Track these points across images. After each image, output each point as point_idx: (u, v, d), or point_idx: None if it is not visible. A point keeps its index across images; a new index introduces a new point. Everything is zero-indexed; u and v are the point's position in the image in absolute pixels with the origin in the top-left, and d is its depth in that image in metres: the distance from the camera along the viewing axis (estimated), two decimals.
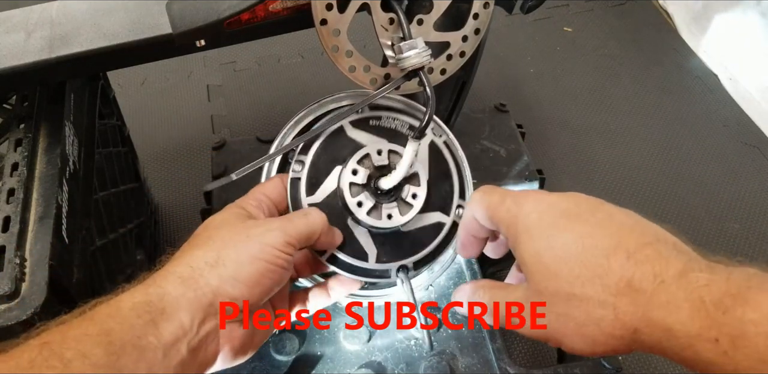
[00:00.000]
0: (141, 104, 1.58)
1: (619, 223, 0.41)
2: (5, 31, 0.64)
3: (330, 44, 0.56)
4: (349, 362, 0.71)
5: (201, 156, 1.46)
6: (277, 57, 1.68)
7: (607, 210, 0.43)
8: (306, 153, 0.61)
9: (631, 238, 0.39)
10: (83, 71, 0.72)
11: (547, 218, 0.43)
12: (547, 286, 0.42)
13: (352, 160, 0.60)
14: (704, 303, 0.34)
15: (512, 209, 0.45)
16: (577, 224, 0.42)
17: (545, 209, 0.44)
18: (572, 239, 0.41)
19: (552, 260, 0.41)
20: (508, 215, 0.45)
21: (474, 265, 0.79)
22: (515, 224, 0.44)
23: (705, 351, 0.34)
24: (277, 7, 0.61)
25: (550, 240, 0.42)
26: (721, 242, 1.31)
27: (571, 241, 0.40)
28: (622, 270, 0.38)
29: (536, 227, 0.43)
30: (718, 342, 0.33)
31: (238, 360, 0.52)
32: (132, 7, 0.65)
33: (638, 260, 0.38)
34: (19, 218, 0.60)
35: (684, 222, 1.34)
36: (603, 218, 0.42)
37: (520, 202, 0.45)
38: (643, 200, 1.38)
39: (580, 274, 0.39)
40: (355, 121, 0.63)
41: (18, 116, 0.71)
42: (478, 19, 0.60)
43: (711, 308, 0.33)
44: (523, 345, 1.17)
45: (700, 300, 0.34)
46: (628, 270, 0.38)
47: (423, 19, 0.58)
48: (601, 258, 0.39)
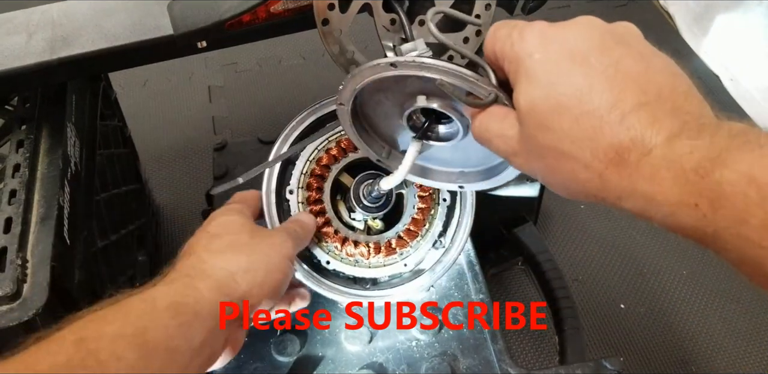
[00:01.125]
0: (142, 105, 1.58)
1: (624, 73, 0.38)
2: (7, 33, 0.64)
3: (332, 44, 0.56)
4: (351, 363, 0.71)
5: (202, 157, 1.46)
6: (279, 58, 1.69)
7: (617, 51, 0.39)
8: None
9: (630, 95, 0.37)
10: (84, 72, 0.72)
11: (549, 61, 0.40)
12: (537, 136, 0.41)
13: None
14: (685, 171, 0.34)
15: (516, 44, 0.42)
16: (579, 69, 0.39)
17: (549, 47, 0.40)
18: (570, 90, 0.38)
19: (545, 111, 0.39)
20: (511, 52, 0.42)
21: (475, 266, 0.79)
22: (516, 63, 0.42)
23: (686, 217, 0.34)
24: (278, 8, 0.61)
25: (547, 89, 0.39)
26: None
27: (569, 92, 0.38)
28: (612, 135, 0.37)
29: (536, 71, 0.40)
30: (697, 207, 0.33)
31: (229, 358, 0.55)
32: (133, 8, 0.66)
33: (630, 125, 0.36)
34: (20, 219, 0.61)
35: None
36: (609, 64, 0.39)
37: (526, 37, 0.42)
38: None
39: (570, 132, 0.38)
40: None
41: (20, 118, 0.71)
42: (480, 21, 0.60)
43: (691, 175, 0.34)
44: (524, 346, 1.17)
45: (681, 168, 0.34)
46: (618, 135, 0.36)
47: (424, 20, 0.58)
48: (594, 118, 0.37)
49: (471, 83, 0.45)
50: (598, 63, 0.39)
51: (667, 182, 0.35)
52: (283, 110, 1.55)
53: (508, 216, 1.05)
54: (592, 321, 1.21)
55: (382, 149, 0.64)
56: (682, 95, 0.38)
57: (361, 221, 0.70)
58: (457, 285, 0.77)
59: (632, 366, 1.15)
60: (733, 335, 1.19)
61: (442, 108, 0.53)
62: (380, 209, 0.68)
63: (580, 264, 1.29)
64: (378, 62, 0.50)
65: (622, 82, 0.38)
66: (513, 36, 0.42)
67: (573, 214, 1.37)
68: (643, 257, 1.30)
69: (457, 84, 0.46)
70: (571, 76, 0.39)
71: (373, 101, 0.57)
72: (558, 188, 0.43)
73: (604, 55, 0.39)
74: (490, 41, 0.45)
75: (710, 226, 0.33)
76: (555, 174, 0.41)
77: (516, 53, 0.42)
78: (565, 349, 0.85)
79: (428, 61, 0.47)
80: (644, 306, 1.23)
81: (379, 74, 0.50)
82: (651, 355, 1.17)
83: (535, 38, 0.41)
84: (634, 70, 0.38)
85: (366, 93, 0.56)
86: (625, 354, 1.17)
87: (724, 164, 0.32)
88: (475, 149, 0.58)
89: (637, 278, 1.27)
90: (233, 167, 0.91)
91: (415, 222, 0.70)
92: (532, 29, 0.42)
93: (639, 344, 1.18)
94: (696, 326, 1.20)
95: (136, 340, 0.42)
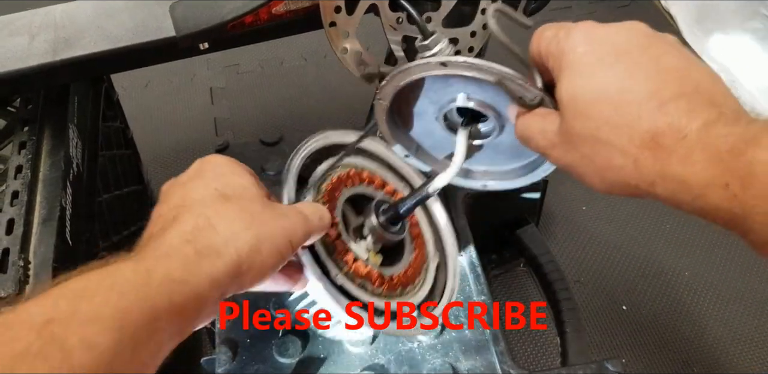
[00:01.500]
0: (145, 106, 1.58)
1: (665, 67, 0.40)
2: (9, 34, 0.64)
3: (339, 46, 0.57)
4: (353, 364, 0.71)
5: None
6: (281, 60, 1.69)
7: (659, 49, 0.41)
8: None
9: (669, 86, 0.38)
10: (87, 74, 0.72)
11: (593, 55, 0.41)
12: (575, 126, 0.42)
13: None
14: (720, 151, 0.34)
15: (561, 41, 0.43)
16: (621, 62, 0.40)
17: (594, 43, 0.42)
18: (611, 80, 0.40)
19: (586, 101, 0.41)
20: (557, 49, 0.44)
21: (477, 268, 0.79)
22: (560, 58, 0.43)
23: (715, 198, 0.34)
24: (280, 10, 0.61)
25: (589, 79, 0.41)
26: (725, 241, 1.31)
27: (610, 82, 0.40)
28: (650, 121, 0.38)
29: (580, 64, 0.42)
30: (728, 187, 0.34)
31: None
32: (135, 10, 0.66)
33: (667, 112, 0.37)
34: (23, 220, 0.61)
35: (690, 221, 1.33)
36: (650, 58, 0.40)
37: (572, 34, 0.43)
38: (647, 201, 1.38)
39: (609, 119, 0.39)
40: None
41: (22, 119, 0.71)
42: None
43: (725, 155, 0.34)
44: (526, 347, 1.17)
45: (716, 149, 0.35)
46: (656, 122, 0.38)
47: (431, 17, 0.59)
48: (633, 105, 0.39)
49: (519, 86, 0.47)
50: (640, 57, 0.40)
51: (701, 163, 0.35)
52: (285, 111, 1.55)
53: (510, 218, 1.05)
54: (594, 322, 1.21)
55: (411, 145, 0.65)
56: (719, 91, 0.39)
57: (364, 251, 0.62)
58: (459, 286, 0.77)
59: (634, 368, 1.14)
60: (736, 336, 1.18)
61: (481, 108, 0.54)
62: (398, 234, 0.62)
63: (582, 266, 1.28)
64: (428, 61, 0.51)
65: (663, 74, 0.39)
66: (559, 35, 0.44)
67: (575, 215, 1.36)
68: (646, 258, 1.29)
69: (506, 85, 0.47)
70: (614, 67, 0.40)
71: (411, 97, 0.58)
72: (593, 179, 0.43)
73: (647, 52, 0.40)
74: (535, 42, 0.46)
75: (739, 206, 0.33)
76: (591, 163, 0.42)
77: (561, 49, 0.43)
78: (567, 351, 0.85)
79: (479, 62, 0.48)
80: (646, 308, 1.22)
81: (428, 72, 0.51)
82: (653, 357, 1.17)
83: (580, 35, 0.43)
84: (675, 66, 0.40)
85: (404, 90, 0.56)
86: (627, 355, 1.16)
87: (758, 145, 0.33)
88: (503, 150, 0.59)
89: (639, 279, 1.26)
90: None
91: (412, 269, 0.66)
92: (578, 28, 0.43)
93: (641, 345, 1.18)
94: (699, 327, 1.20)
95: (113, 324, 0.35)
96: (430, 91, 0.56)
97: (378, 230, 0.59)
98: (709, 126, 0.36)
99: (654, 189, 0.39)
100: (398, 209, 0.59)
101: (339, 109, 1.50)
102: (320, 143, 0.62)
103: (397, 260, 0.64)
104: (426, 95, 0.57)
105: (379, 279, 0.60)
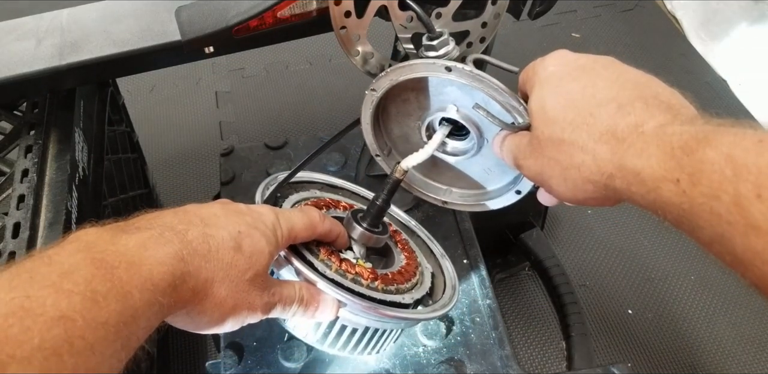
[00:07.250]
0: (150, 110, 1.59)
1: (626, 79, 0.43)
2: (16, 39, 0.65)
3: (351, 49, 0.57)
4: (358, 369, 0.71)
5: (209, 162, 1.46)
6: (285, 64, 1.69)
7: (622, 68, 0.45)
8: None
9: (629, 92, 0.42)
10: (93, 78, 0.72)
11: (562, 72, 0.46)
12: (543, 131, 0.45)
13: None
14: (673, 148, 0.36)
15: (537, 66, 0.48)
16: (587, 75, 0.44)
17: (563, 64, 0.46)
18: (576, 89, 0.43)
19: (552, 107, 0.44)
20: (532, 72, 0.48)
21: (482, 271, 0.79)
22: (533, 78, 0.48)
23: (666, 192, 0.36)
24: (285, 13, 0.61)
25: (556, 89, 0.45)
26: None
27: (575, 90, 0.43)
28: (609, 120, 0.41)
29: (549, 79, 0.46)
30: (678, 182, 0.35)
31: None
32: (141, 14, 0.66)
33: (626, 112, 0.40)
34: (29, 224, 0.61)
35: None
36: (613, 72, 0.44)
37: (545, 59, 0.48)
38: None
39: (572, 120, 0.42)
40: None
41: (28, 123, 0.72)
42: (497, 4, 0.60)
43: (678, 152, 0.35)
44: (531, 351, 1.16)
45: (670, 145, 0.36)
46: (614, 120, 0.40)
47: (441, 13, 0.59)
48: (594, 107, 0.42)
49: (512, 108, 0.50)
50: (603, 71, 0.44)
51: (655, 158, 0.37)
52: (290, 115, 1.56)
53: (516, 222, 1.05)
54: (599, 326, 1.20)
55: (385, 146, 0.65)
56: (677, 101, 0.42)
57: (353, 260, 0.60)
58: (464, 289, 0.77)
59: (640, 372, 1.14)
60: (742, 340, 1.18)
61: (467, 122, 0.55)
62: (383, 233, 0.60)
63: (588, 270, 1.28)
64: (435, 62, 0.51)
65: (623, 83, 0.43)
66: (536, 62, 0.48)
67: (580, 219, 1.36)
68: (651, 262, 1.29)
69: (501, 101, 0.50)
70: (579, 79, 0.44)
71: (401, 97, 0.58)
72: (558, 182, 0.45)
73: (610, 68, 0.45)
74: (521, 76, 0.51)
75: (688, 202, 0.34)
76: (556, 165, 0.44)
77: (536, 71, 0.48)
78: (572, 355, 0.85)
79: (484, 75, 0.50)
80: (652, 312, 1.22)
81: (431, 73, 0.52)
82: (659, 361, 1.16)
83: (552, 59, 0.47)
84: (635, 79, 0.43)
85: (398, 87, 0.56)
86: (633, 359, 1.16)
87: (708, 144, 0.34)
88: (472, 172, 0.61)
89: (644, 283, 1.26)
90: (240, 172, 0.91)
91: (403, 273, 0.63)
92: (552, 54, 0.48)
93: (647, 349, 1.17)
94: (704, 331, 1.19)
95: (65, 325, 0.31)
96: (422, 94, 0.57)
97: (365, 234, 0.57)
98: (665, 125, 0.38)
99: (612, 182, 0.40)
100: (374, 201, 0.57)
101: (343, 112, 1.50)
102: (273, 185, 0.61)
103: (388, 264, 0.63)
104: (417, 98, 0.58)
105: (372, 274, 0.58)
